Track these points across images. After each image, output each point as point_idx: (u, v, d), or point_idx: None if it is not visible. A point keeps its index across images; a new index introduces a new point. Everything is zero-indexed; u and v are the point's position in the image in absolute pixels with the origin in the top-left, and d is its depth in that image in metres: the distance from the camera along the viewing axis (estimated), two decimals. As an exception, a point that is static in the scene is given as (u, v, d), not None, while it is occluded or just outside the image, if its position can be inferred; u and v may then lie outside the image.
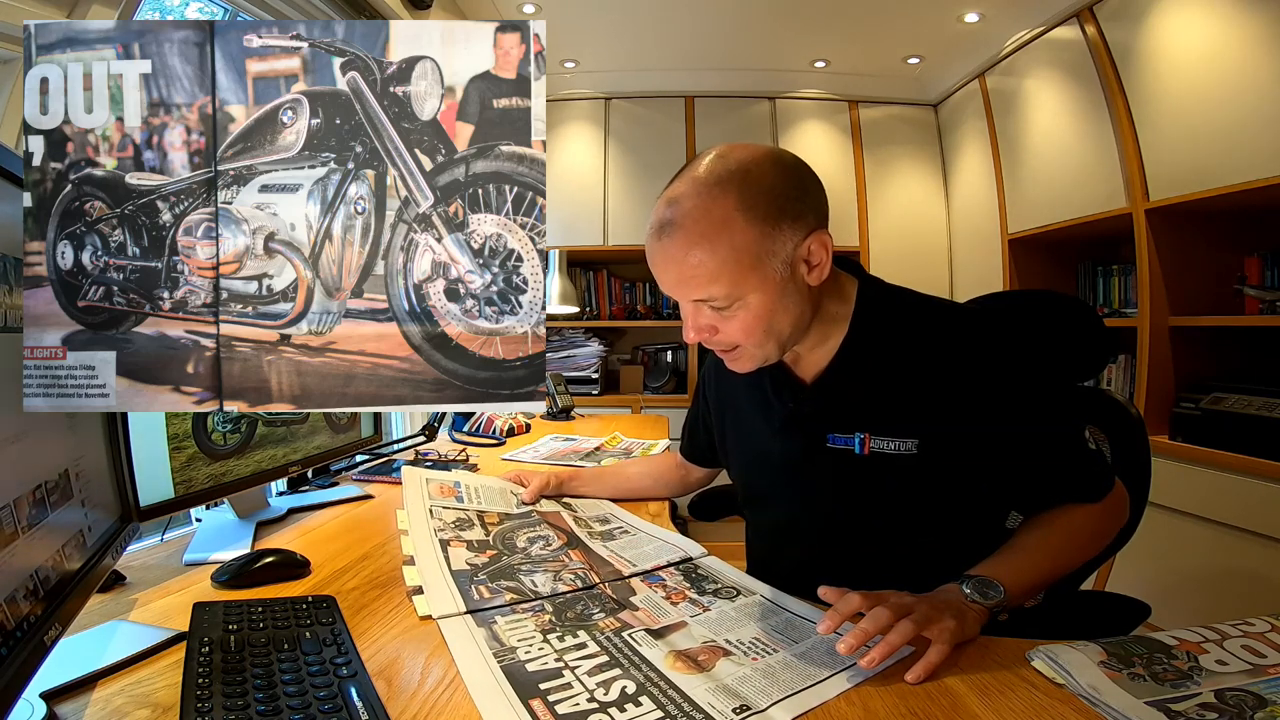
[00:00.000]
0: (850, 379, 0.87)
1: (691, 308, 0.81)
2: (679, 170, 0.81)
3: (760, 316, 0.79)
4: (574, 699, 0.58)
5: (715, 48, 3.29)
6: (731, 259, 0.75)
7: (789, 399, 0.91)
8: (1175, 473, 2.04)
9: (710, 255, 0.75)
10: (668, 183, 0.81)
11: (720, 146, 0.80)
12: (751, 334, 0.80)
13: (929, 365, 0.83)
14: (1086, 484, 0.85)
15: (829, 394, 0.88)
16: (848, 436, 0.86)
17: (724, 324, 0.80)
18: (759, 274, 0.76)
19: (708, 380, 1.14)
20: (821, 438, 0.88)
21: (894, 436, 0.83)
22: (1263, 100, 1.87)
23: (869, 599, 0.68)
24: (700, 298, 0.78)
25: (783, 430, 0.92)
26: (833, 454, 0.87)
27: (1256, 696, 0.55)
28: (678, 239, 0.76)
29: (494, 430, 2.06)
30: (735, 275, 0.75)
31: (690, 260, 0.75)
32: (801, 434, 0.90)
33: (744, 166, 0.76)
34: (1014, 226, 2.97)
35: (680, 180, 0.79)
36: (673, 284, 0.79)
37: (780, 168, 0.78)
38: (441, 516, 1.02)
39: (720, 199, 0.75)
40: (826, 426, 0.88)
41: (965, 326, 0.85)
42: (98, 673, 0.63)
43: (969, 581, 0.73)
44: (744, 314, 0.78)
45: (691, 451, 1.24)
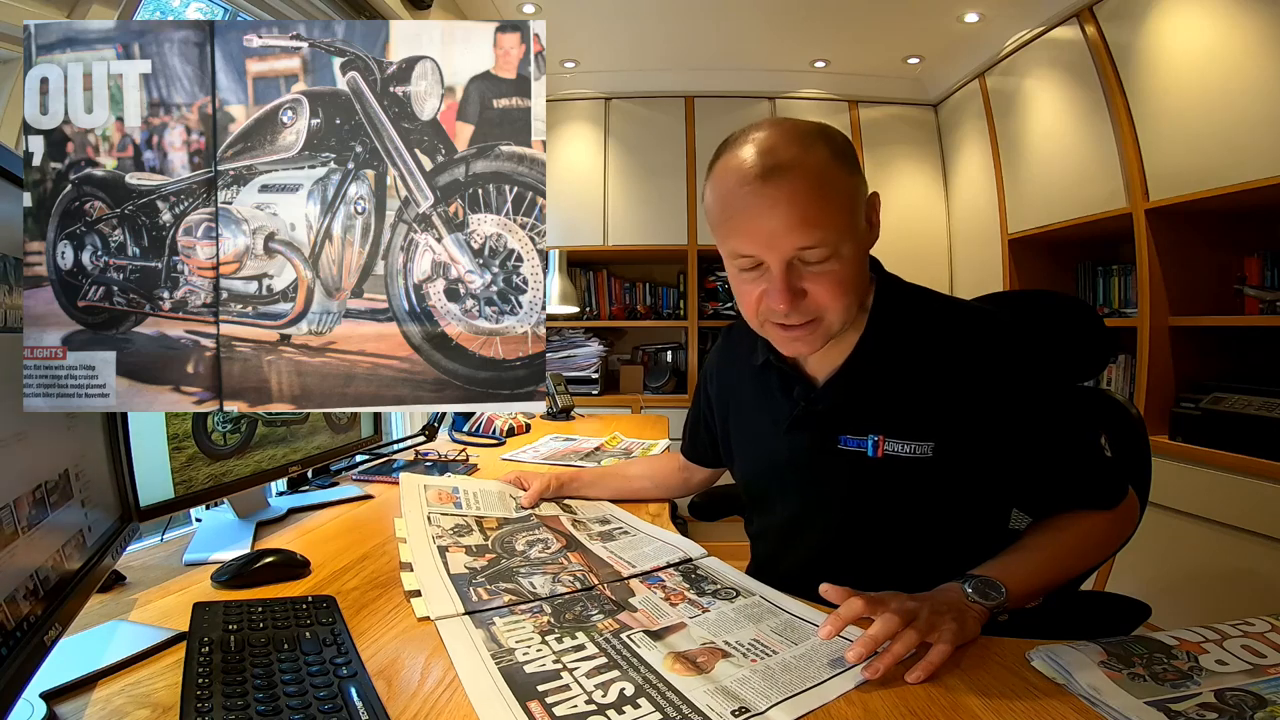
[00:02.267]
0: (866, 378, 0.85)
1: (782, 268, 0.76)
2: (737, 134, 0.80)
3: (850, 275, 0.78)
4: (572, 701, 0.58)
5: (715, 48, 3.29)
6: (836, 204, 0.75)
7: (800, 397, 0.89)
8: (1175, 473, 2.04)
9: (821, 198, 0.74)
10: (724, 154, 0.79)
11: (770, 120, 0.80)
12: (841, 293, 0.78)
13: (947, 366, 0.82)
14: (1101, 491, 0.84)
15: (843, 393, 0.86)
16: (861, 438, 0.84)
17: (815, 283, 0.77)
18: (853, 224, 0.77)
19: (708, 379, 1.13)
20: (833, 439, 0.86)
21: (909, 439, 0.82)
22: (1263, 100, 1.87)
23: (872, 604, 0.67)
24: (807, 244, 0.75)
25: (791, 430, 0.91)
26: (844, 456, 0.85)
27: (1256, 696, 0.55)
28: (787, 182, 0.74)
29: (494, 430, 2.06)
30: (839, 221, 0.75)
31: (803, 201, 0.74)
32: (811, 434, 0.89)
33: (818, 125, 0.79)
34: (1014, 226, 2.97)
35: (760, 133, 0.77)
36: (780, 230, 0.75)
37: (839, 130, 0.82)
38: (440, 523, 1.02)
39: (816, 148, 0.76)
40: (839, 427, 0.86)
41: (986, 327, 0.84)
42: (98, 673, 0.63)
43: (971, 581, 0.73)
44: (837, 269, 0.76)
45: (693, 453, 1.23)
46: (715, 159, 0.82)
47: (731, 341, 1.07)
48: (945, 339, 0.83)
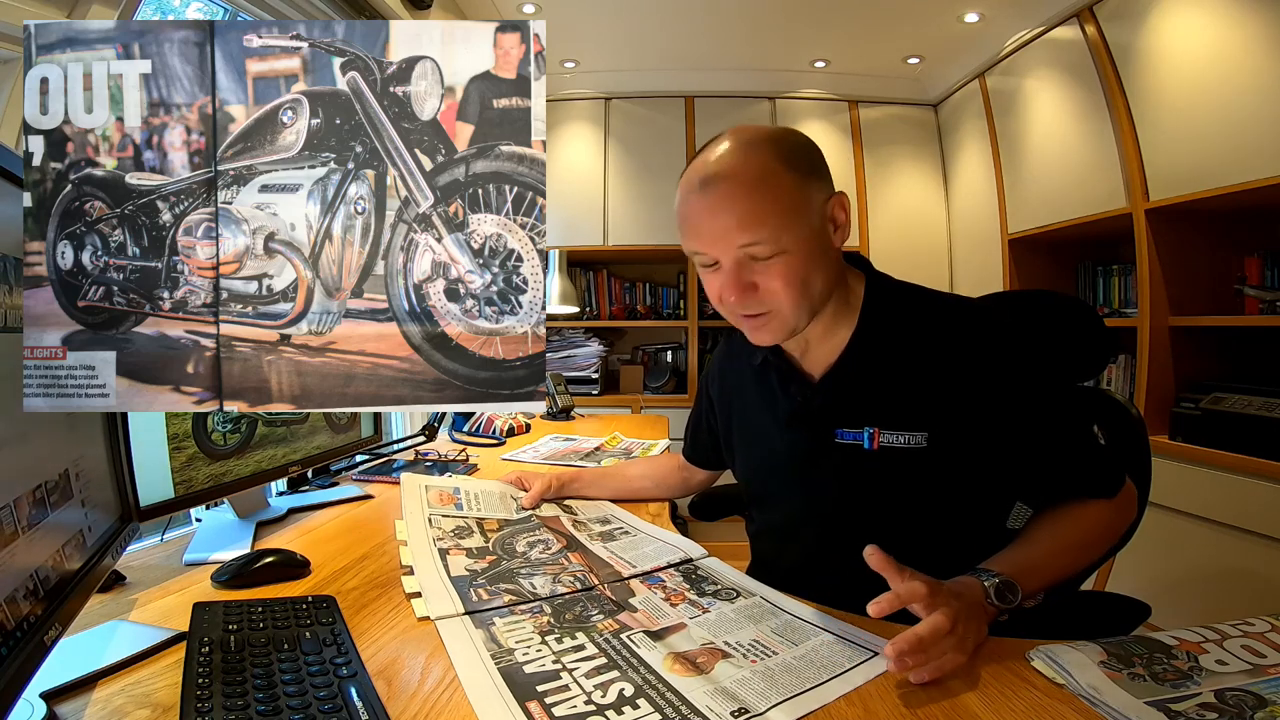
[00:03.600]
0: (859, 373, 0.87)
1: (732, 264, 0.80)
2: (699, 150, 0.84)
3: (800, 269, 0.80)
4: (571, 701, 0.58)
5: (715, 48, 3.29)
6: (776, 203, 0.78)
7: (797, 394, 0.91)
8: (1175, 473, 2.04)
9: (759, 198, 0.78)
10: (690, 163, 0.84)
11: (733, 129, 0.83)
12: (791, 287, 0.80)
13: (939, 358, 0.84)
14: (1101, 478, 0.84)
15: (838, 388, 0.88)
16: (856, 431, 0.86)
17: (764, 278, 0.80)
18: (800, 223, 0.80)
19: (711, 380, 1.14)
20: (829, 433, 0.88)
21: (904, 430, 0.84)
22: (1263, 100, 1.87)
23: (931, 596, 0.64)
24: (747, 241, 0.78)
25: (789, 425, 0.92)
26: (841, 449, 0.87)
27: (1256, 696, 0.55)
28: (723, 188, 0.78)
29: (494, 430, 2.06)
30: (780, 220, 0.78)
31: (738, 204, 0.78)
32: (809, 429, 0.90)
33: (770, 133, 0.83)
34: (1014, 226, 2.97)
35: (709, 150, 0.82)
36: (719, 232, 0.79)
37: (798, 133, 0.85)
38: (441, 525, 1.02)
39: (759, 153, 0.79)
40: (835, 421, 0.88)
41: (975, 319, 0.86)
42: (98, 673, 0.63)
43: (993, 583, 0.71)
44: (785, 266, 0.79)
45: (694, 454, 1.24)
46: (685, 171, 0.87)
47: (734, 344, 1.09)
48: (936, 332, 0.85)
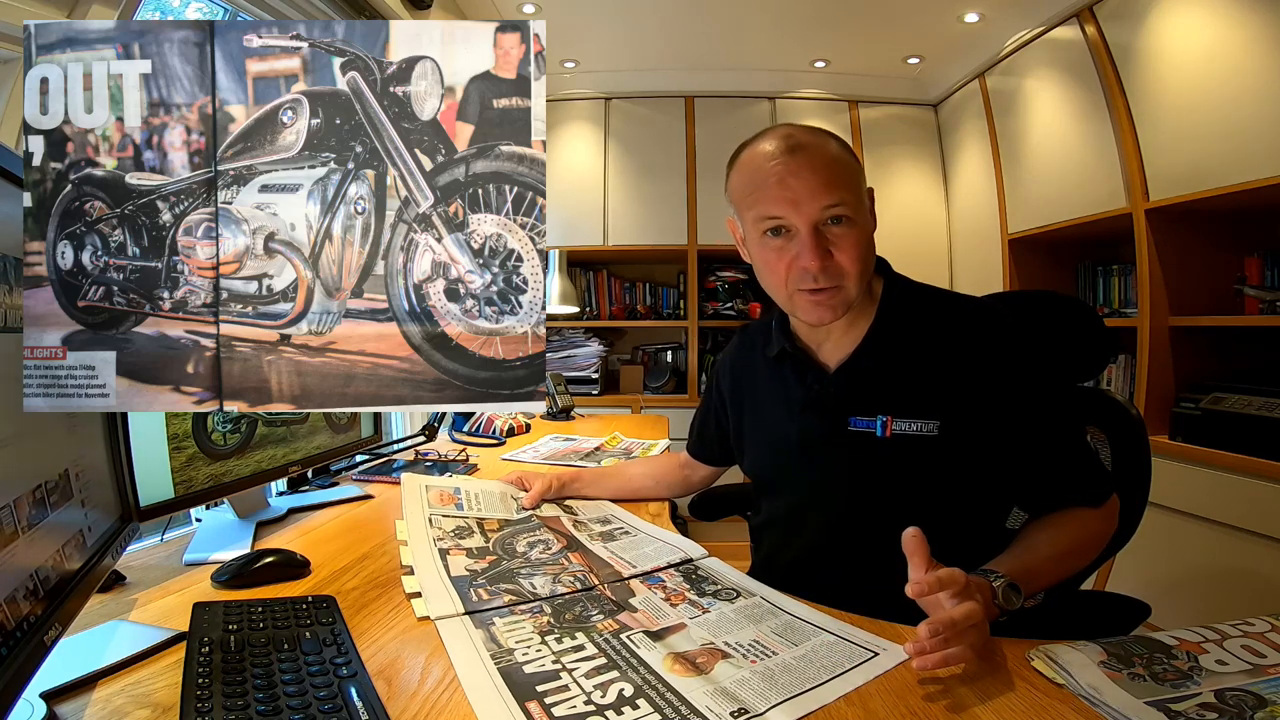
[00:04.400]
0: (874, 364, 0.90)
1: (810, 229, 0.84)
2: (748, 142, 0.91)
3: (867, 242, 0.87)
4: (571, 701, 0.58)
5: (715, 48, 3.29)
6: (851, 178, 0.85)
7: (813, 382, 0.94)
8: (1175, 473, 2.04)
9: (840, 168, 0.85)
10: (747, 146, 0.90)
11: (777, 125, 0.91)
12: (859, 257, 0.85)
13: (952, 351, 0.87)
14: (1091, 486, 0.87)
15: (852, 378, 0.91)
16: (869, 419, 0.89)
17: (839, 248, 0.84)
18: (863, 200, 0.87)
19: (720, 376, 1.16)
20: (843, 421, 0.91)
21: (916, 418, 0.87)
22: (1263, 100, 1.87)
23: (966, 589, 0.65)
24: (831, 201, 0.83)
25: (802, 413, 0.95)
26: (852, 436, 0.90)
27: (1256, 696, 0.55)
28: (811, 150, 0.84)
29: (494, 430, 2.06)
30: (855, 192, 0.85)
31: (823, 169, 0.83)
32: (822, 416, 0.93)
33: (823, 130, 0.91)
34: (1014, 226, 2.97)
35: (775, 132, 0.88)
36: (806, 192, 0.83)
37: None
38: (441, 525, 1.02)
39: (829, 138, 0.88)
40: (848, 410, 0.91)
41: (987, 317, 0.90)
42: (98, 673, 0.63)
43: (1003, 585, 0.71)
44: (859, 235, 0.85)
45: (700, 449, 1.25)
46: (737, 155, 0.92)
47: (746, 339, 1.13)
48: (950, 328, 0.89)
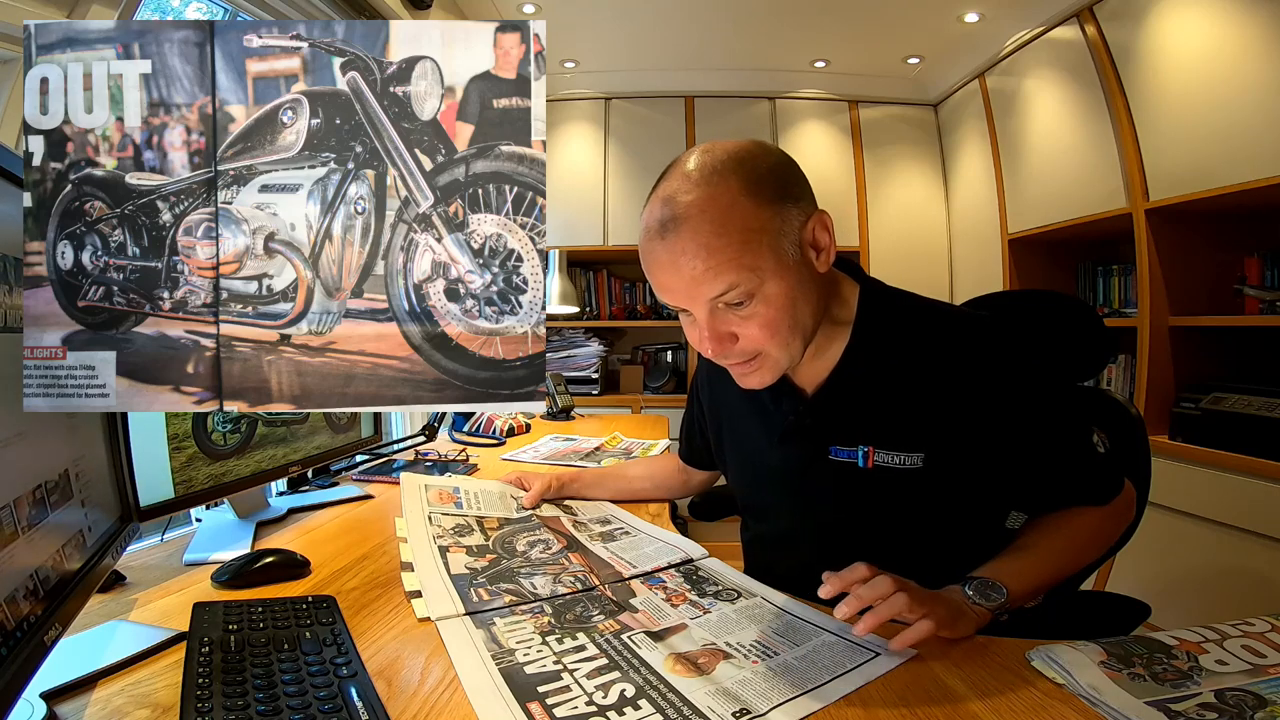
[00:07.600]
0: (853, 389, 0.84)
1: (707, 313, 0.74)
2: (663, 173, 0.77)
3: (783, 307, 0.73)
4: (572, 702, 0.58)
5: (715, 48, 3.29)
6: (745, 244, 0.70)
7: (789, 410, 0.88)
8: (1175, 473, 2.04)
9: (723, 243, 0.70)
10: (653, 190, 0.76)
11: (701, 144, 0.76)
12: (776, 330, 0.74)
13: (934, 375, 0.80)
14: (1093, 487, 0.84)
15: (830, 405, 0.85)
16: (851, 449, 0.84)
17: (744, 326, 0.75)
18: (775, 258, 0.72)
19: (700, 385, 1.11)
20: (824, 449, 0.85)
21: (899, 450, 0.81)
22: (1263, 100, 1.87)
23: (873, 569, 0.69)
24: (717, 293, 0.72)
25: (782, 441, 0.90)
26: (834, 466, 0.85)
27: (1256, 696, 0.55)
28: (684, 233, 0.71)
29: (494, 430, 2.06)
30: (752, 261, 0.71)
31: (701, 253, 0.70)
32: (802, 445, 0.88)
33: (734, 154, 0.73)
34: (1014, 226, 2.97)
35: (670, 179, 0.75)
36: (685, 284, 0.72)
37: (768, 151, 0.76)
38: (440, 523, 1.02)
39: (721, 185, 0.71)
40: (829, 438, 0.85)
41: (970, 334, 0.83)
42: (98, 673, 0.63)
43: (971, 584, 0.73)
44: (764, 308, 0.73)
45: (690, 456, 1.23)
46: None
47: None
48: (932, 347, 0.81)
